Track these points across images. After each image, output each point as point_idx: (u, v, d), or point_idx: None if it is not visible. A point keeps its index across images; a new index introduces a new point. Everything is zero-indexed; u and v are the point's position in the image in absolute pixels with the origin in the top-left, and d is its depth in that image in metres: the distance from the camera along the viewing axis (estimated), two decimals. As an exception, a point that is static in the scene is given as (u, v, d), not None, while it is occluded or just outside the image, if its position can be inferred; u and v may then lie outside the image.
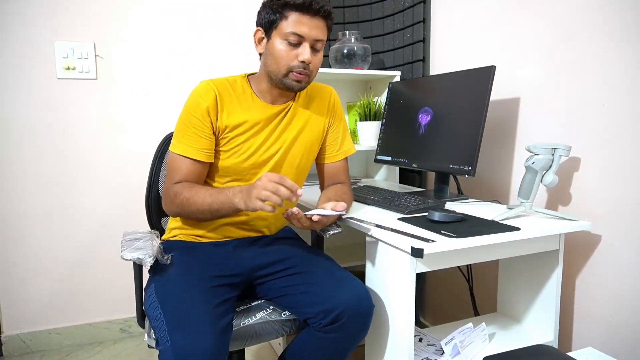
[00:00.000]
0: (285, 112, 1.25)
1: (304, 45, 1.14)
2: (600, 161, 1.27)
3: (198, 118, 1.16)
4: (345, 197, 1.27)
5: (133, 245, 1.12)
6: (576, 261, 1.35)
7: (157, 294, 1.06)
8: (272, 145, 1.23)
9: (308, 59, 1.14)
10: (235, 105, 1.20)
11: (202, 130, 1.16)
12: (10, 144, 1.85)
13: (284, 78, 1.16)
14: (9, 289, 1.91)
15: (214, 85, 1.19)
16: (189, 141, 1.16)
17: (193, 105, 1.17)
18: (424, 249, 1.00)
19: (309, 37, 1.13)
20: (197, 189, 1.12)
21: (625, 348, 1.23)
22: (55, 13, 1.85)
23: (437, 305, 2.02)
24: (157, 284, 1.10)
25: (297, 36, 1.13)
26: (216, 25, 2.09)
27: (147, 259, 1.06)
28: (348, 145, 1.38)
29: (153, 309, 1.04)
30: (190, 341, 0.91)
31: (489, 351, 1.19)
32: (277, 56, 1.15)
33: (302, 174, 1.32)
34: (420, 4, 1.95)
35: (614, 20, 1.22)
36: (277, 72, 1.16)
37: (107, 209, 2.00)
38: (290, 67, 1.15)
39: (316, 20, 1.14)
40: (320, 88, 1.35)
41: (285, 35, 1.13)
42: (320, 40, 1.16)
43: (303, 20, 1.12)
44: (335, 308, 1.05)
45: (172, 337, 0.93)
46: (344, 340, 1.09)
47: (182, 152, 1.16)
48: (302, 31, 1.12)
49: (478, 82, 1.42)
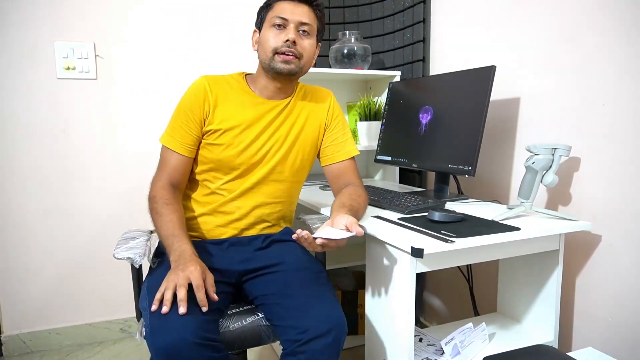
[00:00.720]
0: (281, 109, 1.26)
1: (289, 27, 1.17)
2: (601, 161, 1.27)
3: (187, 114, 1.19)
4: (360, 201, 1.23)
5: (126, 244, 1.12)
6: (576, 261, 1.35)
7: (148, 287, 1.07)
8: (267, 141, 1.23)
9: (292, 37, 1.16)
10: (229, 100, 1.22)
11: (188, 125, 1.19)
12: (11, 144, 1.85)
13: (271, 62, 1.18)
14: (9, 289, 1.91)
15: (209, 81, 1.23)
16: (177, 135, 1.20)
17: (184, 101, 1.22)
18: (424, 249, 1.00)
19: (292, 19, 1.17)
20: (168, 209, 1.11)
21: (625, 348, 1.23)
22: (55, 13, 1.85)
23: (437, 305, 2.02)
24: (150, 279, 1.11)
25: (281, 19, 1.17)
26: (216, 25, 2.09)
27: (137, 259, 1.07)
28: (350, 147, 1.36)
29: (143, 302, 1.05)
30: (164, 320, 0.92)
31: (489, 351, 1.19)
32: (264, 42, 1.19)
33: (299, 174, 1.31)
34: (420, 4, 1.95)
35: (614, 20, 1.22)
36: (265, 57, 1.19)
37: (107, 208, 2.00)
38: (276, 47, 1.17)
39: (300, 7, 1.18)
40: (319, 91, 1.35)
41: (271, 21, 1.18)
42: (307, 24, 1.19)
43: (286, 7, 1.18)
44: (303, 325, 1.00)
45: (151, 321, 0.94)
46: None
47: (167, 144, 1.20)
48: (286, 14, 1.17)
49: (478, 82, 1.42)
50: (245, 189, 1.23)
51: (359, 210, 1.20)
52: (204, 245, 1.22)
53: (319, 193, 1.74)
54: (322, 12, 1.23)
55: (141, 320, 1.11)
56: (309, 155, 1.32)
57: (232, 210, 1.23)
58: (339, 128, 1.35)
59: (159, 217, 1.12)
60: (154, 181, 1.20)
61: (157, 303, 0.94)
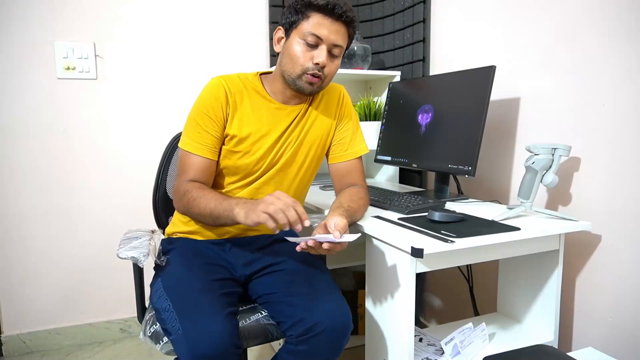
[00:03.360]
0: (297, 114, 1.23)
1: (321, 47, 1.12)
2: (601, 161, 1.27)
3: (209, 116, 1.15)
4: (360, 203, 1.21)
5: (130, 244, 1.13)
6: (576, 261, 1.35)
7: (165, 287, 1.08)
8: (282, 147, 1.21)
9: (323, 61, 1.12)
10: (246, 104, 1.19)
11: (212, 127, 1.15)
12: (10, 144, 1.85)
13: (297, 79, 1.14)
14: (9, 289, 1.91)
15: (226, 82, 1.18)
16: (198, 138, 1.15)
17: (204, 103, 1.16)
18: (424, 249, 1.00)
19: (327, 40, 1.11)
20: (206, 191, 1.10)
21: (625, 348, 1.23)
22: (55, 13, 1.85)
23: (437, 305, 2.02)
24: (164, 277, 1.11)
25: (316, 37, 1.11)
26: (218, 26, 2.09)
27: (141, 258, 1.07)
28: (359, 145, 1.32)
29: (162, 301, 1.05)
30: (201, 325, 0.94)
31: (489, 351, 1.19)
32: (293, 55, 1.13)
33: (308, 175, 1.29)
34: (420, 4, 1.95)
35: (614, 20, 1.22)
36: (291, 72, 1.15)
37: (107, 208, 2.00)
38: (305, 68, 1.13)
39: (337, 25, 1.12)
40: (330, 87, 1.32)
41: (304, 35, 1.11)
42: (339, 46, 1.14)
43: (324, 23, 1.11)
44: (307, 320, 1.01)
45: (183, 324, 0.95)
46: (313, 356, 1.03)
47: (191, 150, 1.15)
48: (321, 33, 1.11)
49: (478, 82, 1.42)
50: (254, 190, 1.22)
51: (358, 212, 1.19)
52: (207, 245, 1.22)
53: (320, 193, 1.74)
54: (354, 30, 1.17)
55: (148, 319, 1.11)
56: (318, 154, 1.29)
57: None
58: (349, 125, 1.32)
59: (199, 197, 1.08)
60: (176, 185, 1.17)
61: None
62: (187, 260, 1.15)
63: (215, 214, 1.05)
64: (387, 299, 1.16)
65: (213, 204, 1.06)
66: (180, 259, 1.16)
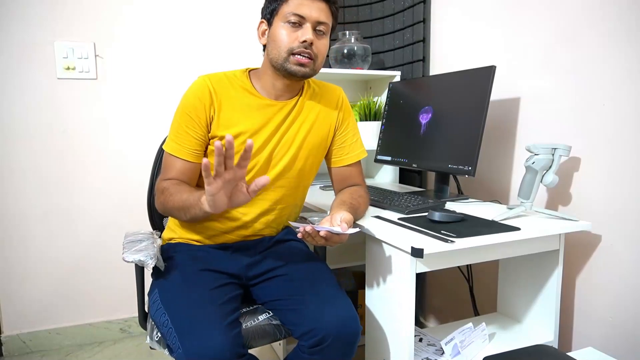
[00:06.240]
0: (289, 110, 1.20)
1: (306, 26, 1.10)
2: (601, 161, 1.27)
3: (191, 117, 1.12)
4: (361, 201, 1.21)
5: (134, 247, 1.12)
6: (576, 261, 1.35)
7: (162, 300, 1.06)
8: (275, 146, 1.18)
9: (310, 38, 1.09)
10: (233, 102, 1.15)
11: (194, 129, 1.12)
12: (10, 144, 1.85)
13: (284, 62, 1.11)
14: (9, 289, 1.91)
15: (211, 81, 1.15)
16: (179, 140, 1.13)
17: (187, 104, 1.13)
18: (424, 249, 1.00)
19: (310, 17, 1.09)
20: (182, 187, 1.09)
21: (625, 348, 1.23)
22: (55, 13, 1.85)
23: (437, 305, 2.02)
24: (161, 289, 1.09)
25: (298, 16, 1.09)
26: (217, 26, 2.09)
27: (148, 261, 1.06)
28: (359, 149, 1.32)
29: (159, 315, 1.04)
30: (201, 344, 0.92)
31: (489, 351, 1.19)
32: (277, 39, 1.11)
33: (307, 178, 1.28)
34: (420, 4, 1.95)
35: (614, 20, 1.22)
36: (278, 56, 1.11)
37: (106, 208, 2.00)
38: (291, 48, 1.10)
39: (318, 2, 1.10)
40: (328, 87, 1.30)
41: (286, 17, 1.09)
42: (324, 23, 1.12)
43: (304, 2, 1.09)
44: (318, 330, 1.01)
45: (183, 343, 0.94)
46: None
47: (173, 152, 1.13)
48: (303, 12, 1.09)
49: (478, 82, 1.42)
50: None
51: (359, 209, 1.19)
52: (208, 249, 1.20)
53: (319, 193, 1.74)
54: (337, 9, 1.16)
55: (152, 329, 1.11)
56: (317, 158, 1.27)
57: (237, 216, 1.18)
58: (349, 129, 1.31)
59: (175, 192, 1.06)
60: (157, 184, 1.15)
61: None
62: (185, 270, 1.12)
63: (187, 204, 1.03)
64: (387, 299, 1.16)
65: (185, 195, 1.04)
66: (178, 268, 1.13)
